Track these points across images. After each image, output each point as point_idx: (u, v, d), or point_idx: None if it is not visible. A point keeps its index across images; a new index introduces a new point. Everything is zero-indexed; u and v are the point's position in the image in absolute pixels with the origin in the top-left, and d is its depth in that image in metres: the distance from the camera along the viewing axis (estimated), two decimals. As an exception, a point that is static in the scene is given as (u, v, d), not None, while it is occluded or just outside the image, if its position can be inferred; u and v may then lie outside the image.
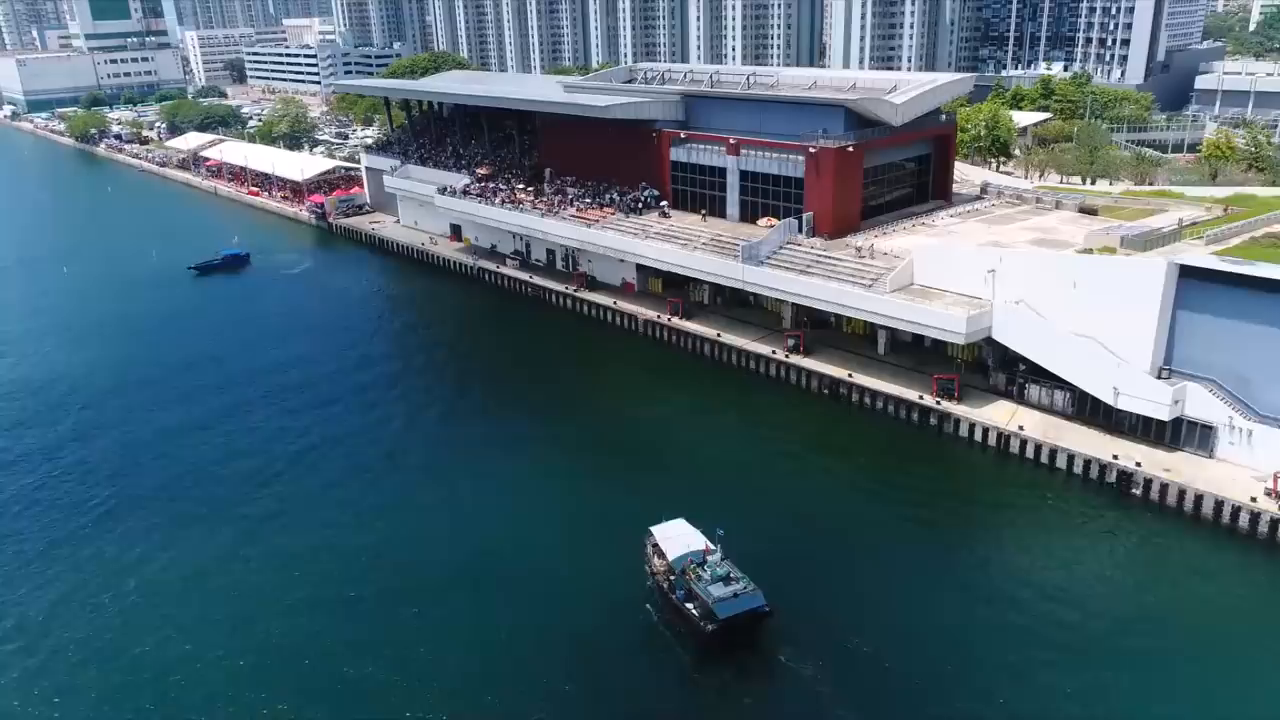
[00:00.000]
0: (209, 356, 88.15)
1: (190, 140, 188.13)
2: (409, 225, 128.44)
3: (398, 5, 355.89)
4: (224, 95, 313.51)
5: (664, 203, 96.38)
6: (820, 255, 79.83)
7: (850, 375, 74.12)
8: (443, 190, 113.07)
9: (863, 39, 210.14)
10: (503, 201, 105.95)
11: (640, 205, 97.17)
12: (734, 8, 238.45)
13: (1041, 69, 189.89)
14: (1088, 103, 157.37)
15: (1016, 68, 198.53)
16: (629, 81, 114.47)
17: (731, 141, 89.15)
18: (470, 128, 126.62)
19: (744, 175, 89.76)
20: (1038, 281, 66.63)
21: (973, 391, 70.10)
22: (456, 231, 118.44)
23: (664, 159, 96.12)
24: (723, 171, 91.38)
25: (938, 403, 68.87)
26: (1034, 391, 67.47)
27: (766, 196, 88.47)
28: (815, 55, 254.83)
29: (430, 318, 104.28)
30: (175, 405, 77.50)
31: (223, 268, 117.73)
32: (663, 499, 56.99)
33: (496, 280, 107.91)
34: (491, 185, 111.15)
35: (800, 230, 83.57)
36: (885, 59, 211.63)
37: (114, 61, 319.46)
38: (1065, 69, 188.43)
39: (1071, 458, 62.12)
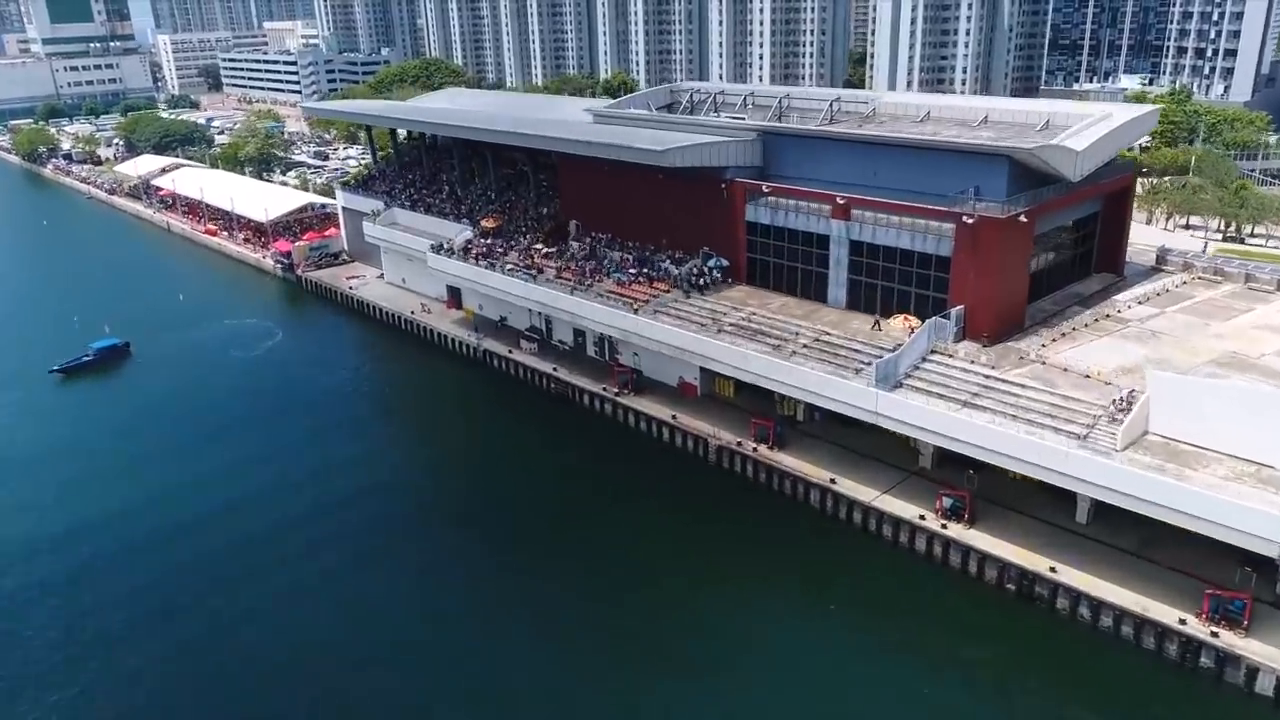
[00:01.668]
0: (50, 540, 58.04)
1: (141, 164, 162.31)
2: (395, 283, 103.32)
3: (386, 7, 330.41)
4: (196, 105, 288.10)
5: (716, 272, 72.15)
6: (988, 376, 55.15)
7: (1053, 570, 49.32)
8: (438, 248, 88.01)
9: (912, 47, 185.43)
10: (515, 266, 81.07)
11: (703, 280, 72.45)
12: (761, 10, 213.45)
13: (1122, 82, 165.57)
14: (1201, 125, 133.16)
15: (1091, 80, 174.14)
16: (669, 106, 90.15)
17: (839, 201, 64.38)
18: (471, 160, 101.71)
19: (856, 248, 65.03)
20: (1387, 453, 42.12)
21: (1256, 608, 45.45)
22: (456, 296, 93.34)
23: (736, 219, 71.38)
24: (824, 240, 66.63)
25: (1213, 634, 44.16)
26: (1374, 624, 42.86)
27: (890, 279, 63.71)
28: (847, 65, 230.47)
29: (410, 427, 77.33)
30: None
31: (96, 365, 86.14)
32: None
33: (507, 368, 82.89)
34: (500, 242, 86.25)
35: (949, 333, 58.93)
36: (937, 69, 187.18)
37: (74, 69, 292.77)
38: (1150, 82, 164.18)
39: None
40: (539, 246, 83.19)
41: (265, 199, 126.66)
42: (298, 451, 69.63)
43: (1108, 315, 63.03)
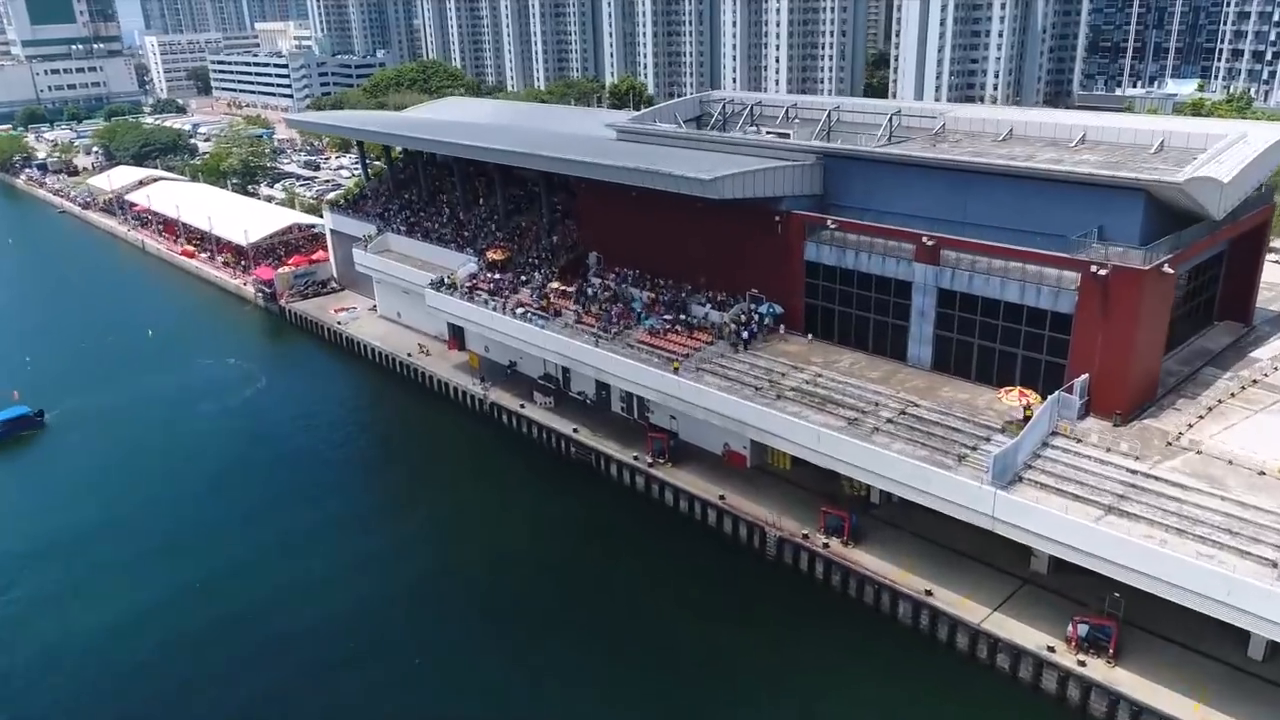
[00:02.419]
0: None
1: (116, 177, 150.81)
2: (390, 317, 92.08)
3: (382, 8, 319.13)
4: (183, 110, 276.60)
5: (768, 319, 61.11)
6: (1134, 471, 43.93)
7: (1239, 735, 38.23)
8: (439, 284, 76.77)
9: (941, 50, 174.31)
10: (528, 307, 69.82)
11: (748, 331, 61.16)
12: (778, 10, 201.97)
13: (1170, 87, 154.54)
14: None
15: (1136, 85, 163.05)
16: (698, 119, 78.88)
17: (927, 241, 53.15)
18: (474, 178, 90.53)
19: (946, 298, 53.76)
20: None
21: None
22: (459, 336, 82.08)
23: (793, 258, 60.13)
24: (904, 287, 55.39)
25: None
26: None
27: (989, 337, 52.46)
28: (863, 67, 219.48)
29: (406, 504, 63.57)
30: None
31: (2, 439, 71.85)
32: None
33: (518, 425, 71.66)
34: (509, 277, 75.01)
35: (1073, 410, 47.71)
36: (966, 74, 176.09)
37: (55, 71, 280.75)
38: (1200, 88, 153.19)
39: None
40: (555, 284, 71.90)
41: (246, 218, 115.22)
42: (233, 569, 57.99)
43: (1254, 381, 51.81)
